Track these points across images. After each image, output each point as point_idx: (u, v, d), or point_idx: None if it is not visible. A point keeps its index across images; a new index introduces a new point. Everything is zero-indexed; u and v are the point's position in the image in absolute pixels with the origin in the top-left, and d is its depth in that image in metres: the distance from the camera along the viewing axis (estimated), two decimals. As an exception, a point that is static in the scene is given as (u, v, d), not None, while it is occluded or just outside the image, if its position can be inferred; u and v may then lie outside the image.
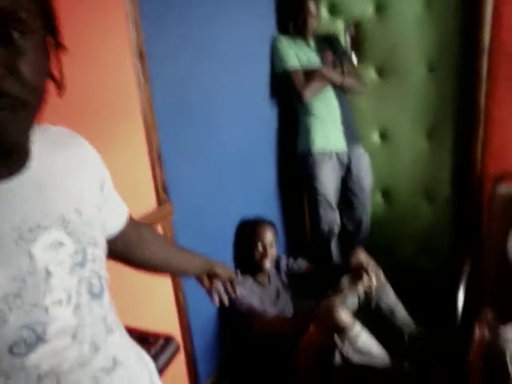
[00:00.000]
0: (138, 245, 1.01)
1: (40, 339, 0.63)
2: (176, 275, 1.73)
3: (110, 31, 1.45)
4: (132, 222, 0.95)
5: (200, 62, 1.94)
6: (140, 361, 0.84)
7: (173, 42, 1.77)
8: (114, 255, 0.90)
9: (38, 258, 0.63)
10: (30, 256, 0.62)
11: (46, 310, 0.63)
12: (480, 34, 2.25)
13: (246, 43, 2.30)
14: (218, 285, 1.25)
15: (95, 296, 0.71)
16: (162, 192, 1.73)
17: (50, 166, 0.69)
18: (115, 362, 0.74)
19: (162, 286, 1.81)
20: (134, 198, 1.61)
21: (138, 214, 1.61)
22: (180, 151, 1.87)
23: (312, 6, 2.44)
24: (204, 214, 2.05)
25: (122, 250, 0.95)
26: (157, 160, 1.69)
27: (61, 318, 0.65)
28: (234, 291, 1.27)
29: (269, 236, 2.26)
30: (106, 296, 0.76)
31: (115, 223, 0.90)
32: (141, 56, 1.54)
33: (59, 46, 0.66)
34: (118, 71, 1.50)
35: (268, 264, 2.25)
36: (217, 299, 1.27)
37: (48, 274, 0.64)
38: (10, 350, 0.60)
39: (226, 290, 1.27)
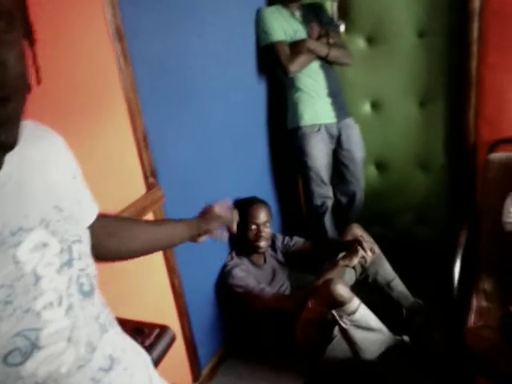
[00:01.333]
0: (104, 238, 0.95)
1: (35, 346, 0.61)
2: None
3: (84, 13, 1.38)
4: (99, 217, 0.90)
5: (183, 40, 1.87)
6: (135, 353, 0.82)
7: (152, 21, 1.70)
8: None
9: (25, 261, 0.60)
10: (16, 261, 0.59)
11: (38, 314, 0.61)
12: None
13: (232, 16, 2.22)
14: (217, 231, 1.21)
15: (86, 294, 0.69)
16: (151, 177, 1.69)
17: (25, 162, 0.66)
18: (113, 360, 0.72)
19: (157, 272, 1.78)
20: (122, 185, 1.58)
21: (126, 201, 1.57)
22: (167, 134, 1.82)
23: None
24: (196, 197, 2.00)
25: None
26: (143, 144, 1.65)
27: (54, 321, 0.63)
28: (231, 229, 1.24)
29: (262, 216, 2.22)
30: (97, 294, 0.74)
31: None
32: (119, 37, 1.48)
33: (32, 38, 0.63)
34: (96, 55, 1.44)
35: (263, 244, 2.22)
36: (224, 234, 1.23)
37: (37, 277, 0.61)
38: (5, 361, 0.58)
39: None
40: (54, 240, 0.65)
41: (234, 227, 1.23)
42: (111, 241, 0.98)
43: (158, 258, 1.77)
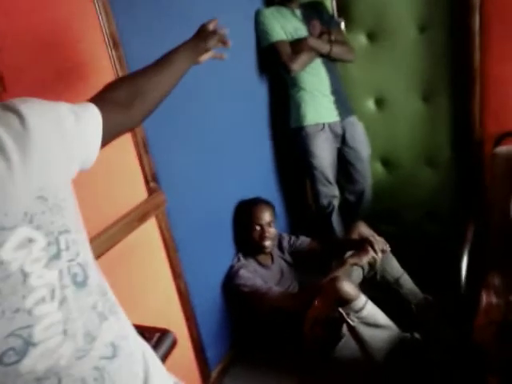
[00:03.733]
0: (127, 105, 0.96)
1: (29, 343, 0.60)
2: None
3: (79, 21, 1.39)
4: (105, 105, 0.88)
5: (178, 40, 1.86)
6: (136, 340, 0.82)
7: (148, 26, 1.71)
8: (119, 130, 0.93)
9: (9, 261, 0.59)
10: (0, 261, 0.58)
11: (30, 312, 0.61)
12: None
13: (230, 18, 2.20)
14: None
15: (80, 285, 0.68)
16: (152, 181, 1.70)
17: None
18: (115, 348, 0.72)
19: (162, 277, 1.79)
20: (123, 191, 1.59)
21: (128, 207, 1.58)
22: (168, 137, 1.82)
23: None
24: (200, 199, 2.01)
25: (117, 123, 0.92)
26: (143, 148, 1.65)
27: (46, 315, 0.62)
28: (226, 44, 1.30)
29: (266, 216, 2.22)
30: (93, 281, 0.72)
31: (97, 131, 0.85)
32: (115, 45, 1.49)
33: None
34: (93, 63, 1.45)
35: (268, 244, 2.22)
36: (223, 55, 1.33)
37: (24, 274, 0.60)
38: (1, 361, 0.58)
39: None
40: (40, 234, 0.63)
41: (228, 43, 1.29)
42: (134, 105, 0.97)
43: (162, 262, 1.78)
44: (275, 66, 2.46)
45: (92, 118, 0.84)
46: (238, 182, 2.30)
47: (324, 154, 2.44)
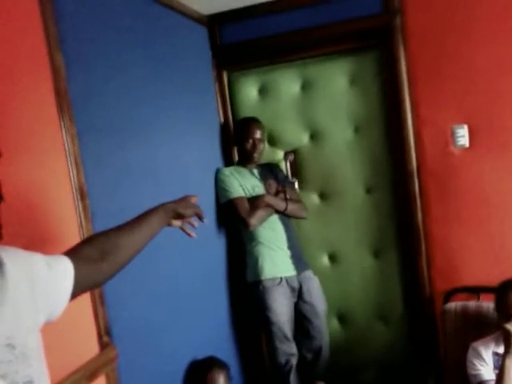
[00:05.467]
0: (99, 261, 0.98)
1: None
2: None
3: (49, 171, 1.45)
4: (78, 261, 0.92)
5: (142, 196, 1.94)
6: None
7: (114, 179, 1.78)
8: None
9: None
10: None
11: None
12: (407, 158, 2.42)
13: (190, 174, 2.34)
14: (185, 224, 1.36)
15: None
16: (105, 335, 1.61)
17: None
18: None
19: None
20: (72, 343, 1.50)
21: (77, 362, 1.48)
22: (125, 289, 1.78)
23: (259, 131, 2.57)
24: (152, 355, 1.90)
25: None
26: (99, 299, 1.60)
27: None
28: (202, 219, 1.39)
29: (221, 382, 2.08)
30: None
31: (67, 284, 0.87)
32: (81, 195, 1.53)
33: None
34: (58, 210, 1.47)
35: None
36: (193, 233, 1.40)
37: None
38: None
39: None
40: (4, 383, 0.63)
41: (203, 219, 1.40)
42: (105, 262, 0.99)
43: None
44: (233, 222, 2.55)
45: (64, 272, 0.88)
46: (192, 338, 2.20)
47: (282, 309, 2.41)
